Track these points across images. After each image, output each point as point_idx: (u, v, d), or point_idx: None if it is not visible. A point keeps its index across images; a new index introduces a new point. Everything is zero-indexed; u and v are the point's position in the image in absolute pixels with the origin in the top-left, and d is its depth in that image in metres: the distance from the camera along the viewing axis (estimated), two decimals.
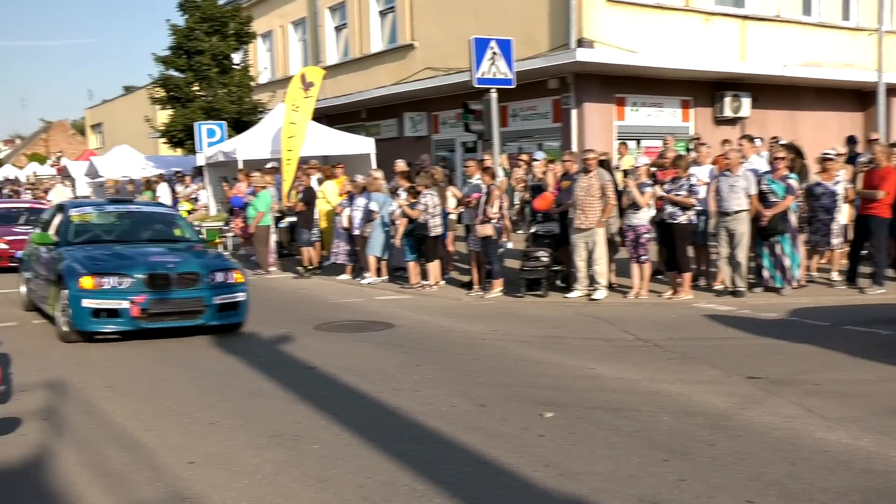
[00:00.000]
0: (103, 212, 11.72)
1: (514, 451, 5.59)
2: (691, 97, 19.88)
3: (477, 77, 14.33)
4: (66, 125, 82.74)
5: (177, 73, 24.60)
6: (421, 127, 23.43)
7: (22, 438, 6.08)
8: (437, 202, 12.98)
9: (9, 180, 48.91)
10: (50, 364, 8.52)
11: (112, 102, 53.85)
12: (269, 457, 5.57)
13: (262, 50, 31.17)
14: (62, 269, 9.74)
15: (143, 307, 9.25)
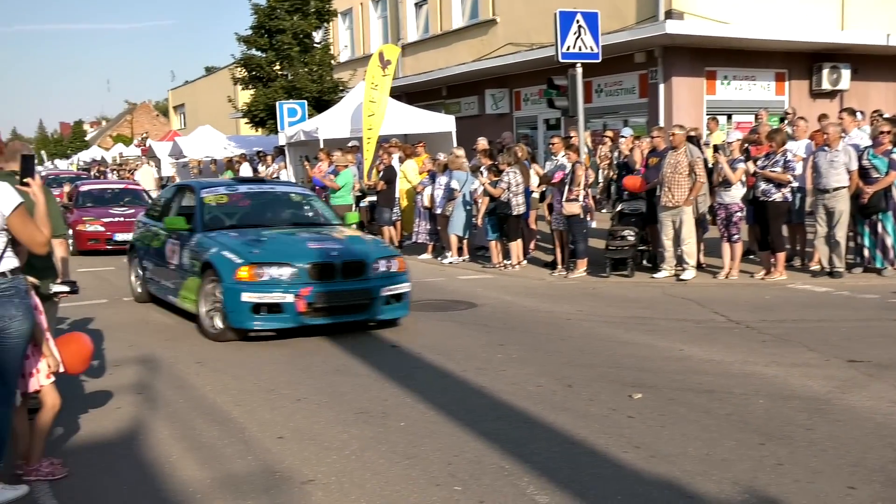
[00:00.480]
0: (236, 192, 10.59)
1: (604, 432, 5.58)
2: (786, 69, 19.29)
3: (562, 52, 14.19)
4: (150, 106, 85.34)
5: (258, 52, 25.04)
6: (502, 104, 23.35)
7: (117, 411, 6.34)
8: (520, 180, 12.93)
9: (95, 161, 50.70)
10: (140, 340, 8.85)
11: (194, 83, 55.20)
12: (356, 433, 5.68)
13: (343, 28, 31.47)
14: (210, 258, 8.80)
15: (309, 301, 8.35)
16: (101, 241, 17.21)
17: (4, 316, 4.47)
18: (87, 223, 17.42)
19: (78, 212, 18.04)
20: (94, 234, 17.28)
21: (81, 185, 20.59)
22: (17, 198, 4.48)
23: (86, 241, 17.17)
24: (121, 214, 17.80)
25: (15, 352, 4.57)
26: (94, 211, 18.03)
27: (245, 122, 27.80)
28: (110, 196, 19.63)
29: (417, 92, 26.05)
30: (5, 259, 4.52)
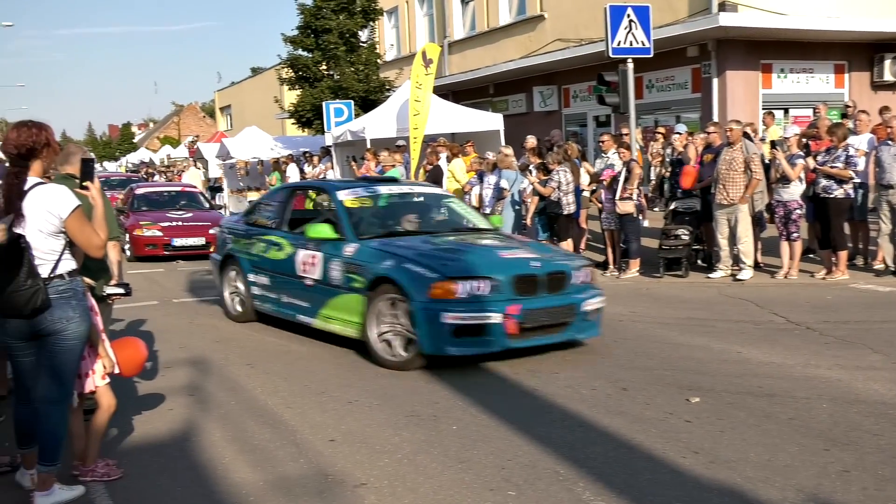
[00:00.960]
0: (376, 194, 9.37)
1: (660, 436, 5.52)
2: (846, 61, 18.90)
3: (612, 47, 14.10)
4: (197, 108, 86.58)
5: (304, 52, 25.24)
6: (551, 101, 23.24)
7: (170, 413, 6.44)
8: (570, 179, 12.86)
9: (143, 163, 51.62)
10: (191, 342, 8.99)
11: (240, 84, 55.86)
12: (407, 436, 5.71)
13: (388, 27, 31.60)
14: (388, 272, 7.58)
15: (519, 320, 7.32)
16: (158, 247, 16.78)
17: (62, 318, 4.57)
18: (144, 228, 16.99)
19: (134, 216, 17.64)
20: (151, 239, 16.88)
21: (137, 188, 20.18)
22: (75, 201, 4.59)
23: (143, 247, 16.79)
24: (178, 218, 17.55)
25: (72, 353, 4.67)
26: (150, 215, 17.68)
27: (291, 122, 28.05)
28: (167, 199, 19.25)
29: (464, 90, 26.04)
30: (63, 261, 4.62)
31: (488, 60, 24.69)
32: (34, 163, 4.57)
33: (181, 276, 14.17)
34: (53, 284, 4.55)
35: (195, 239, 16.74)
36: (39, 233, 4.52)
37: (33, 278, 4.45)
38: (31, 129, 4.60)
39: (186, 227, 17.09)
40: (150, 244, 16.71)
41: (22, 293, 4.42)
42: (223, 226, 10.98)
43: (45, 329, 4.56)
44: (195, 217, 17.82)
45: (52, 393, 4.66)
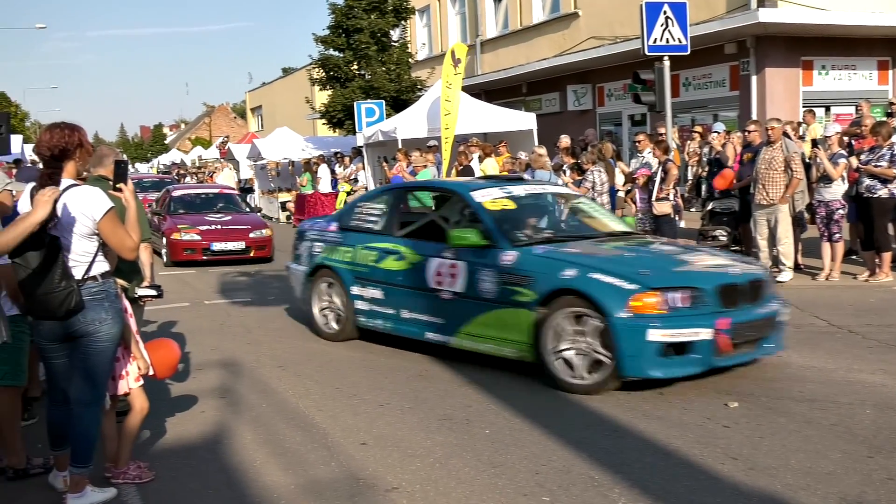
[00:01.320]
0: (512, 195, 8.32)
1: (698, 441, 5.47)
2: (889, 57, 18.63)
3: (648, 44, 14.02)
4: (228, 109, 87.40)
5: (336, 52, 25.38)
6: (585, 100, 23.16)
7: (201, 415, 6.50)
8: (605, 179, 12.80)
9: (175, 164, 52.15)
10: (222, 344, 9.05)
11: (271, 85, 56.28)
12: (440, 440, 5.70)
13: (420, 26, 31.67)
14: (573, 283, 6.72)
15: (730, 335, 6.55)
16: (197, 252, 16.08)
17: (95, 319, 4.62)
18: (182, 231, 16.27)
19: (171, 219, 16.92)
20: (189, 243, 16.16)
21: (173, 191, 19.29)
22: (109, 202, 4.64)
23: (181, 252, 16.07)
24: (217, 222, 16.88)
25: (104, 355, 4.72)
26: (188, 218, 16.95)
27: (322, 123, 28.21)
28: (204, 201, 18.45)
29: (497, 89, 26.03)
30: (96, 263, 4.67)
31: (521, 59, 24.65)
32: (67, 164, 4.63)
33: (213, 278, 14.29)
34: (87, 286, 4.60)
35: (235, 243, 16.23)
36: (73, 234, 4.58)
37: (67, 280, 4.51)
38: (64, 130, 4.66)
39: (226, 231, 16.46)
40: (188, 248, 16.08)
41: (56, 295, 4.48)
42: (305, 232, 9.64)
43: (78, 331, 4.62)
44: (234, 220, 17.20)
45: (85, 395, 4.72)
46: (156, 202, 18.94)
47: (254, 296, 12.09)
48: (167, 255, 16.28)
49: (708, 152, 15.16)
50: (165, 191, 19.58)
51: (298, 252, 9.60)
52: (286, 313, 10.68)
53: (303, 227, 10.01)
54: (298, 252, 9.60)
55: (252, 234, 16.49)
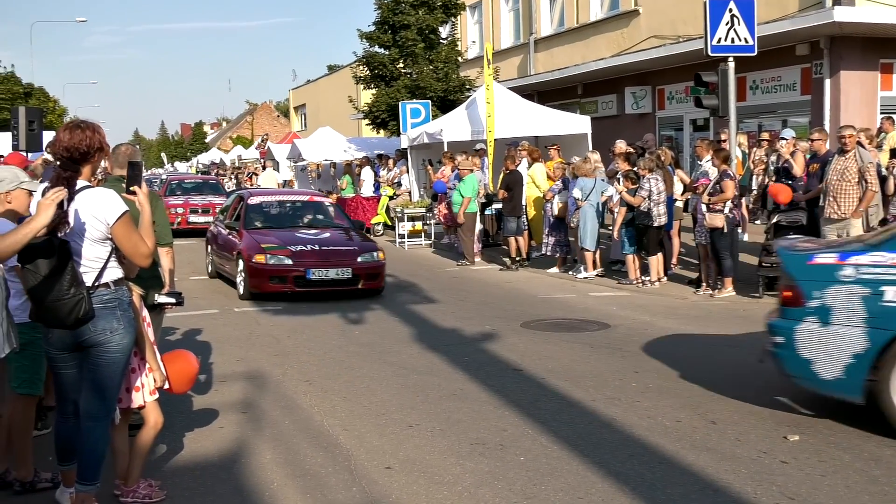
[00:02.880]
0: None
1: (752, 477, 5.30)
2: None
3: (711, 44, 13.79)
4: (271, 107, 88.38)
5: (381, 49, 25.43)
6: (644, 103, 22.90)
7: (220, 431, 6.46)
8: (662, 188, 12.58)
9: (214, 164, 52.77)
10: (249, 354, 9.04)
11: (316, 83, 56.76)
12: (470, 466, 5.59)
13: (471, 22, 31.64)
14: None
15: None
16: (287, 281, 12.25)
17: (106, 329, 4.59)
18: (268, 253, 12.42)
19: (249, 236, 13.14)
20: (278, 269, 12.29)
21: (249, 198, 14.83)
22: (123, 206, 4.60)
23: (266, 281, 12.28)
24: (312, 240, 13.12)
25: (115, 366, 4.68)
26: (272, 235, 13.20)
27: (366, 123, 28.29)
28: (289, 212, 14.86)
29: (550, 91, 25.87)
30: (108, 269, 4.64)
31: (577, 58, 24.47)
32: (85, 167, 4.61)
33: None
34: (98, 293, 4.57)
35: (338, 270, 12.44)
36: (85, 239, 4.55)
37: (77, 287, 4.47)
38: (85, 131, 4.62)
39: (325, 253, 12.73)
40: (276, 276, 12.27)
41: (65, 302, 4.45)
42: (848, 272, 6.15)
43: (88, 340, 4.59)
44: (333, 238, 13.55)
45: (94, 408, 4.69)
46: (222, 212, 15.78)
47: (285, 304, 12.08)
48: (245, 285, 12.57)
49: (775, 161, 14.84)
50: (237, 198, 15.46)
51: (829, 302, 6.18)
52: (317, 324, 10.65)
53: (807, 255, 6.67)
54: (829, 302, 6.18)
55: (361, 259, 12.71)
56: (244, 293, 12.61)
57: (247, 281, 12.55)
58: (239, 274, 12.87)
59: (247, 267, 12.52)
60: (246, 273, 12.55)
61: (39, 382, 5.36)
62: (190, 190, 26.37)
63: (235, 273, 13.09)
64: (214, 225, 15.63)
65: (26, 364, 5.18)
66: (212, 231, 15.50)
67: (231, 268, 13.51)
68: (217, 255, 14.57)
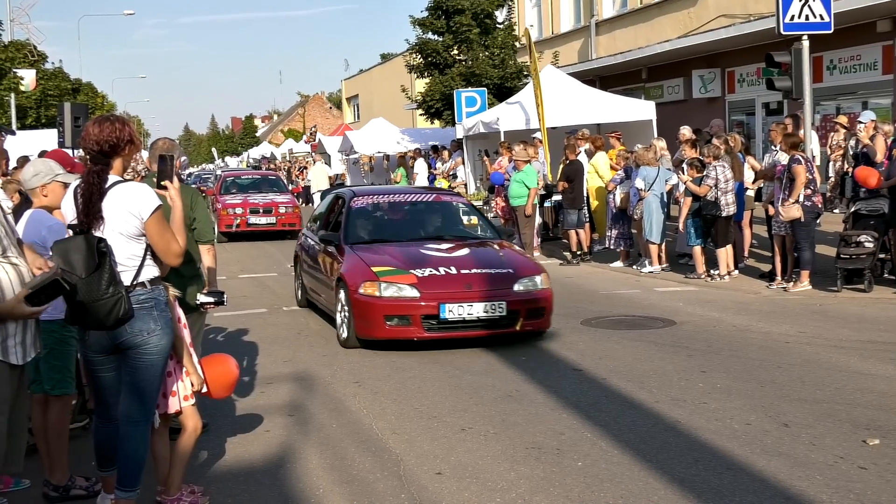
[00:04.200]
0: None
1: (827, 485, 5.17)
2: None
3: (784, 22, 13.54)
4: (323, 98, 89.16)
5: (434, 36, 25.44)
6: (713, 86, 22.59)
7: (266, 435, 6.50)
8: (730, 176, 12.36)
9: (265, 158, 53.38)
10: (297, 355, 9.10)
11: (368, 72, 57.01)
12: (525, 472, 5.54)
13: (529, 6, 31.50)
14: None
15: None
16: (412, 322, 8.86)
17: (143, 330, 4.63)
18: (383, 280, 9.01)
19: (354, 255, 9.70)
20: (401, 304, 8.93)
21: (353, 200, 10.98)
22: (157, 200, 4.65)
23: (381, 321, 8.92)
24: (446, 259, 9.53)
25: (154, 369, 4.72)
26: (387, 252, 9.71)
27: (420, 113, 28.34)
28: (409, 218, 11.37)
29: (613, 75, 25.65)
30: (146, 268, 4.69)
31: (641, 41, 24.20)
32: (115, 161, 4.66)
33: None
34: (135, 293, 4.61)
35: (489, 304, 8.98)
36: (120, 236, 4.60)
37: (115, 286, 4.50)
38: (115, 124, 4.69)
39: (467, 279, 9.20)
40: (395, 315, 8.93)
41: (104, 302, 4.48)
42: None
43: (125, 342, 4.63)
44: (476, 257, 9.81)
45: (133, 412, 4.74)
46: (314, 220, 12.52)
47: None
48: (349, 326, 9.20)
49: (854, 145, 14.50)
50: (335, 199, 11.76)
51: None
52: None
53: None
54: None
55: (518, 286, 9.22)
56: (348, 338, 9.24)
57: (351, 321, 9.16)
58: (340, 310, 9.48)
59: (351, 300, 9.11)
60: (350, 309, 9.16)
61: (72, 381, 5.45)
62: (248, 187, 24.40)
63: (334, 307, 9.72)
64: (303, 236, 12.23)
65: (57, 364, 5.26)
66: (301, 244, 12.12)
67: (328, 298, 10.19)
68: (309, 278, 11.27)
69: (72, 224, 4.62)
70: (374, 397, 7.43)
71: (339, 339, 9.49)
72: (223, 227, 21.68)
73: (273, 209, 22.16)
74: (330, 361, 8.76)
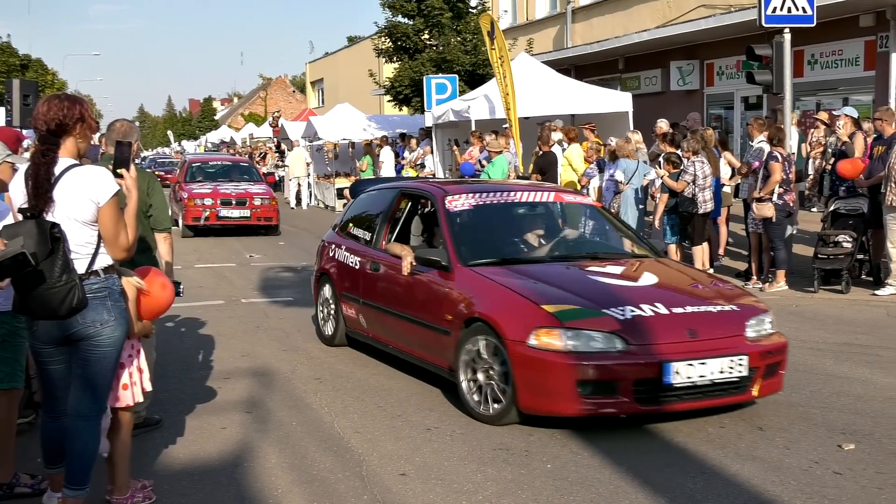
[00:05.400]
0: None
1: (802, 490, 5.24)
2: None
3: (766, 14, 13.63)
4: (286, 82, 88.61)
5: (405, 19, 25.39)
6: (691, 79, 22.76)
7: (222, 432, 6.47)
8: (708, 172, 12.46)
9: (224, 143, 53.06)
10: (255, 350, 9.06)
11: (334, 55, 56.84)
12: (492, 474, 5.57)
13: None
14: None
15: None
16: (620, 391, 6.19)
17: (96, 321, 4.59)
18: (566, 326, 6.32)
19: (501, 287, 6.93)
20: (604, 363, 6.24)
21: (451, 202, 8.01)
22: (115, 186, 4.61)
23: (571, 387, 6.19)
24: (643, 293, 6.91)
25: (106, 361, 4.69)
26: (536, 280, 7.06)
27: (388, 99, 28.28)
28: (530, 224, 8.57)
29: (589, 65, 25.74)
30: (99, 256, 4.65)
31: (618, 30, 24.32)
32: (66, 141, 4.61)
33: (253, 273, 14.39)
34: (88, 282, 4.57)
35: (725, 361, 6.39)
36: (74, 222, 4.55)
37: (69, 273, 4.47)
38: (63, 102, 4.65)
39: (686, 320, 6.63)
40: (594, 382, 6.25)
41: (57, 290, 4.44)
42: None
43: (77, 333, 4.60)
44: (680, 290, 7.26)
45: (83, 406, 4.70)
46: (355, 222, 9.31)
47: (296, 295, 12.10)
48: (509, 397, 6.42)
49: (834, 142, 14.68)
50: (412, 199, 8.79)
51: None
52: None
53: None
54: None
55: (749, 332, 6.74)
56: (499, 415, 6.49)
57: (509, 389, 6.37)
58: (471, 368, 6.72)
59: (512, 356, 6.35)
60: (508, 370, 6.38)
61: (22, 374, 5.39)
62: (217, 175, 22.64)
63: (454, 361, 6.88)
64: (335, 247, 9.23)
65: (7, 357, 5.20)
66: (332, 259, 9.22)
67: (428, 346, 7.43)
68: (371, 311, 8.37)
69: (22, 208, 4.57)
70: (335, 394, 7.42)
71: (477, 413, 6.62)
72: (189, 219, 20.15)
73: (247, 200, 20.55)
74: (290, 357, 8.74)
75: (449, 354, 6.98)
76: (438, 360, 7.24)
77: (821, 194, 15.63)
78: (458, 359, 6.80)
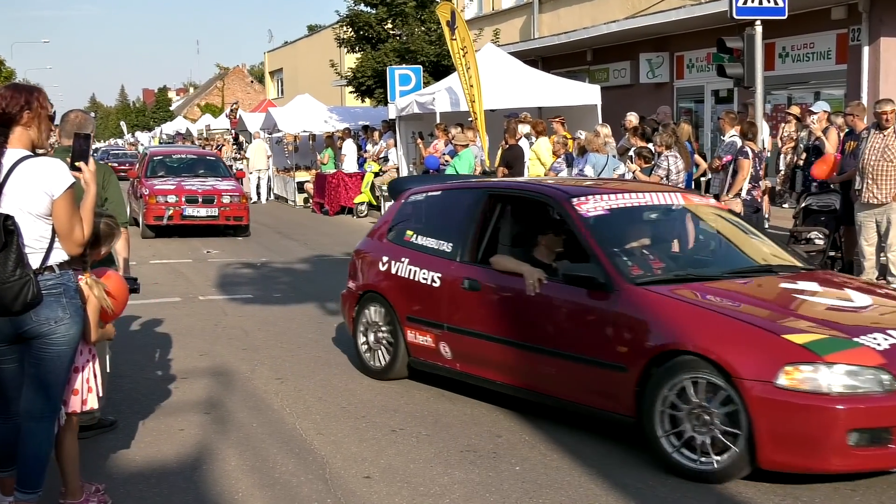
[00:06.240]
0: None
1: (774, 492, 5.29)
2: None
3: (737, 6, 13.72)
4: (244, 71, 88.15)
5: (367, 8, 25.31)
6: (660, 71, 22.87)
7: (179, 434, 6.43)
8: (681, 167, 12.55)
9: (180, 134, 52.65)
10: (214, 348, 9.02)
11: (294, 45, 56.57)
12: (459, 476, 5.58)
13: None
14: None
15: None
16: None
17: (51, 318, 4.55)
18: (831, 363, 5.27)
19: (711, 312, 5.78)
20: (874, 404, 5.23)
21: (580, 205, 6.77)
22: (71, 178, 4.57)
23: (839, 441, 5.11)
24: (869, 312, 6.23)
25: (61, 360, 4.66)
26: (734, 300, 6.05)
27: (350, 91, 28.19)
28: (671, 232, 7.77)
29: (556, 56, 25.79)
30: (54, 251, 4.61)
31: (586, 21, 24.40)
32: (15, 131, 4.56)
33: (211, 269, 14.30)
34: (43, 278, 4.53)
35: None
36: (28, 215, 4.51)
37: (23, 267, 4.43)
38: (7, 91, 4.60)
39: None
40: None
41: (10, 285, 4.40)
42: None
43: (30, 331, 4.55)
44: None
45: (36, 407, 4.66)
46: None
47: (256, 292, 12.07)
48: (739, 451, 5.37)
49: (806, 137, 14.83)
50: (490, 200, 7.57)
51: None
52: (292, 314, 10.62)
53: None
54: None
55: None
56: (728, 468, 5.42)
57: (748, 440, 5.28)
58: (690, 417, 5.50)
59: (749, 400, 5.26)
60: (751, 417, 5.26)
61: None
62: (181, 170, 21.23)
63: (655, 412, 5.64)
64: (393, 259, 7.84)
65: None
66: (398, 275, 7.74)
67: (588, 384, 6.23)
68: (442, 337, 7.27)
69: None
70: (297, 395, 7.40)
71: (690, 469, 5.49)
72: (151, 219, 18.65)
73: (215, 198, 19.06)
74: (250, 356, 8.71)
75: (624, 395, 5.85)
76: (602, 401, 6.09)
77: (792, 190, 15.78)
78: (654, 406, 5.61)
